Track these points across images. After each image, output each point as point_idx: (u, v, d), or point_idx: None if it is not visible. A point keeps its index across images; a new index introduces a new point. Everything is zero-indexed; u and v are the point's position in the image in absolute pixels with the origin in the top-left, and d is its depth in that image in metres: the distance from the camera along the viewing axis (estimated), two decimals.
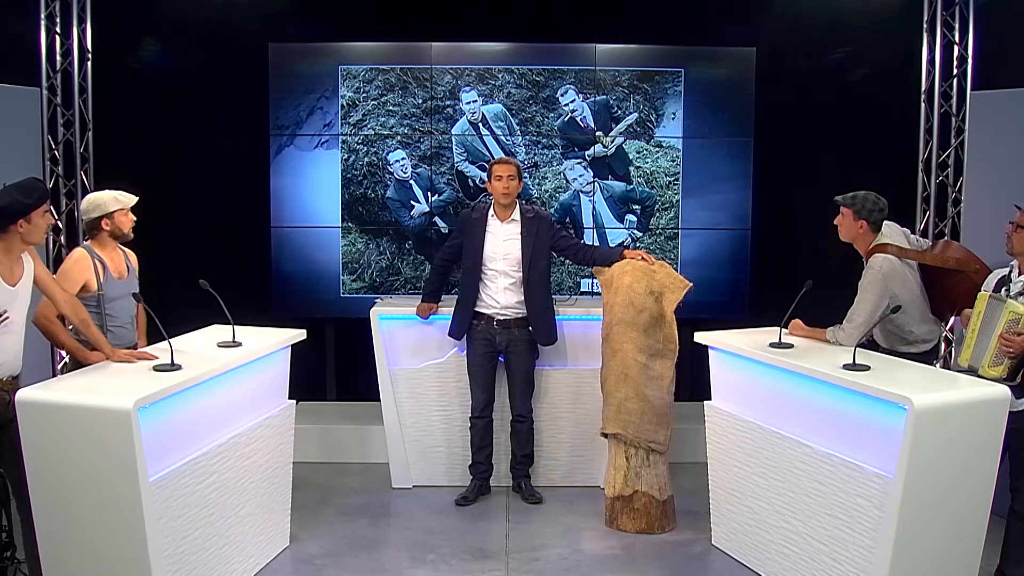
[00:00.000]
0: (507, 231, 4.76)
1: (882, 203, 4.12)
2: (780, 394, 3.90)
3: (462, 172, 5.84)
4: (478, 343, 4.81)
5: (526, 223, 4.76)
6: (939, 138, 5.82)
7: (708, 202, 5.96)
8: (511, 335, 4.78)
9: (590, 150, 5.83)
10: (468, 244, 4.79)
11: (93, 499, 3.16)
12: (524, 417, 4.90)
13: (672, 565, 4.23)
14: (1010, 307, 3.62)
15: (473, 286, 4.78)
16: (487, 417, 4.89)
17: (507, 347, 4.80)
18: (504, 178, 4.69)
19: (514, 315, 4.78)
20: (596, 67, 5.82)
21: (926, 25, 5.80)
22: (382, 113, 5.82)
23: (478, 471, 4.93)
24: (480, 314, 4.80)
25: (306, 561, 4.21)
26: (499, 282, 4.76)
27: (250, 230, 5.96)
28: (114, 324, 4.00)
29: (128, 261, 4.18)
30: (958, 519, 3.38)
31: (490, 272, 4.76)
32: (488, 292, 4.78)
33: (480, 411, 4.86)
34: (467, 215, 4.88)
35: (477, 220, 4.79)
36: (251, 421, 3.93)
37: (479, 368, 4.83)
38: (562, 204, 5.85)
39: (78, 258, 3.97)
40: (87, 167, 5.77)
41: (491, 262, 4.75)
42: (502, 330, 4.77)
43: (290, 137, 5.81)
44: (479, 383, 4.85)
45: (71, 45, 5.64)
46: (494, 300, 4.78)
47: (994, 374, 3.63)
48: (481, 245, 4.74)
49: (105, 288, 3.96)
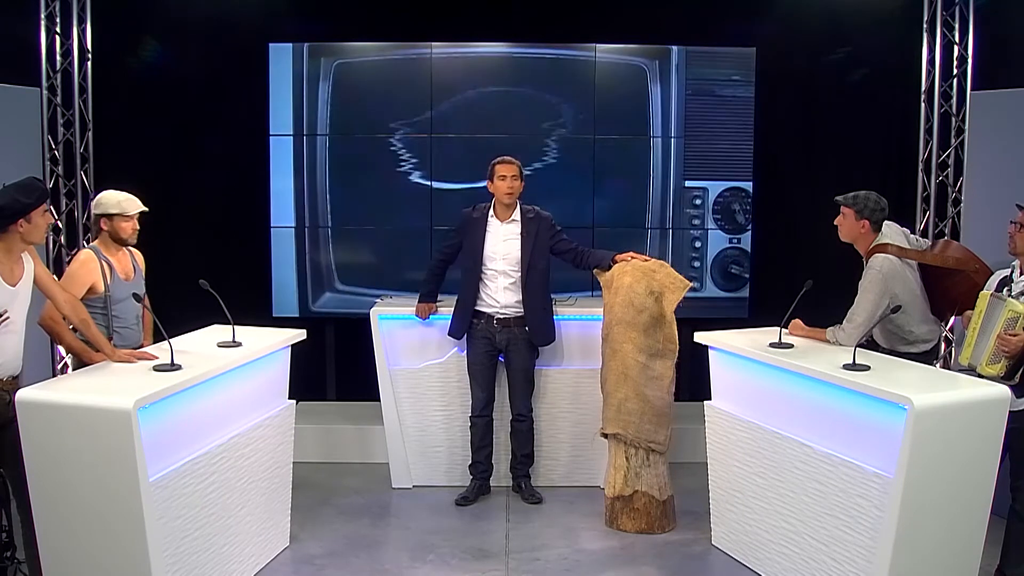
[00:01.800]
0: (507, 231, 4.76)
1: (883, 203, 4.12)
2: (780, 394, 3.90)
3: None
4: (478, 342, 4.81)
5: (526, 223, 4.76)
6: (939, 138, 5.82)
7: (708, 202, 5.97)
8: (511, 334, 4.79)
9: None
10: (468, 243, 4.79)
11: (93, 499, 3.16)
12: (524, 416, 4.90)
13: (672, 565, 4.23)
14: (1009, 306, 3.63)
15: (473, 285, 4.79)
16: (487, 416, 4.89)
17: (507, 346, 4.81)
18: (508, 178, 4.70)
19: (513, 314, 4.79)
20: (595, 68, 5.83)
21: (926, 25, 5.80)
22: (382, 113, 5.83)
23: (478, 471, 4.93)
24: (480, 313, 4.80)
25: (306, 561, 4.21)
26: (499, 281, 4.76)
27: (250, 230, 5.96)
28: (120, 325, 4.02)
29: (135, 262, 4.19)
30: (958, 519, 3.38)
31: (490, 272, 4.76)
32: (488, 291, 4.78)
33: (480, 410, 4.86)
34: (467, 214, 4.88)
35: (477, 220, 4.79)
36: (251, 421, 3.93)
37: (479, 367, 4.84)
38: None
39: (85, 260, 3.98)
40: (87, 167, 5.77)
41: (491, 262, 4.75)
42: (502, 329, 4.78)
43: (290, 137, 5.81)
44: (479, 382, 4.85)
45: (71, 45, 5.64)
46: (494, 299, 4.78)
47: (992, 372, 3.64)
48: (481, 244, 4.75)
49: (112, 289, 3.97)
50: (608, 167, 5.94)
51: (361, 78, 5.84)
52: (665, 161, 5.94)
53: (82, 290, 3.87)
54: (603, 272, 4.71)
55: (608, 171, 5.95)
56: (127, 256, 4.14)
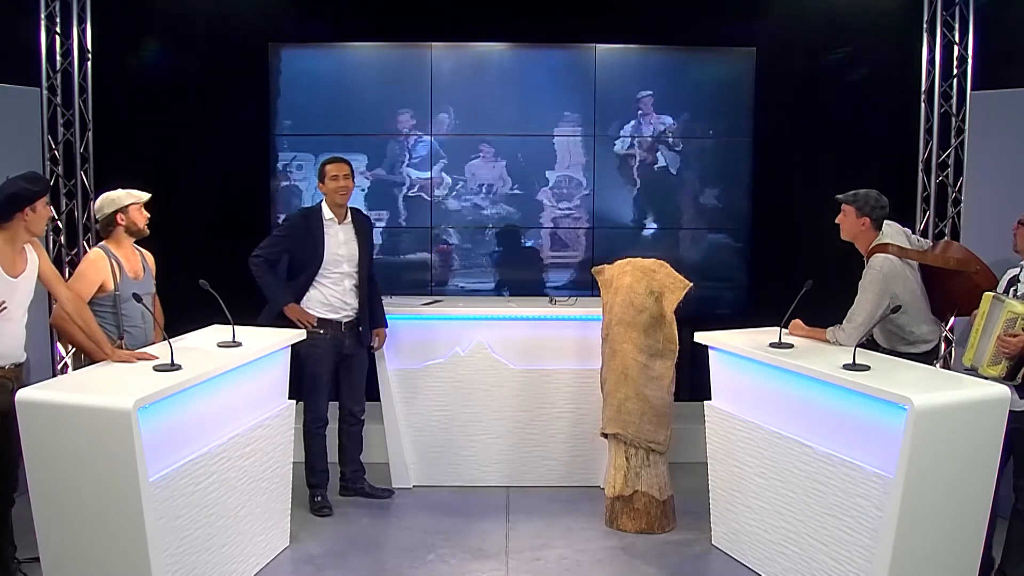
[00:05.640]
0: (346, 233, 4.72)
1: (883, 201, 4.12)
2: (780, 394, 3.90)
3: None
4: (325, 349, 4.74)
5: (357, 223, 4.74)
6: (939, 138, 5.81)
7: (708, 202, 5.97)
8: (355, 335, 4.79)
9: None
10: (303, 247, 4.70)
11: (93, 499, 3.16)
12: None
13: (672, 565, 4.23)
14: (1008, 307, 3.63)
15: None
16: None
17: (353, 347, 4.79)
18: (340, 177, 4.62)
19: (357, 316, 4.74)
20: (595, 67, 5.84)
21: (926, 25, 5.79)
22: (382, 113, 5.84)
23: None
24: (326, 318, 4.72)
25: (306, 561, 4.21)
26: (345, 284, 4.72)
27: (250, 230, 5.94)
28: (130, 324, 4.04)
29: (145, 262, 4.22)
30: (958, 519, 3.38)
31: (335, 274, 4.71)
32: (334, 294, 4.72)
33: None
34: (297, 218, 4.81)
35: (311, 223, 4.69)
36: (251, 421, 3.93)
37: (326, 376, 4.75)
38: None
39: (94, 259, 4.01)
40: (87, 167, 5.76)
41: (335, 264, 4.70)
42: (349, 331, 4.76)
43: (290, 137, 5.81)
44: (325, 391, 4.77)
45: (71, 45, 5.63)
46: (343, 301, 4.74)
47: (993, 373, 3.64)
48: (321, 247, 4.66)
49: (121, 288, 3.99)
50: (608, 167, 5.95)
51: (361, 78, 5.84)
52: (665, 161, 5.95)
53: (92, 288, 3.91)
54: (603, 271, 4.71)
55: (608, 171, 5.95)
56: (137, 256, 4.17)
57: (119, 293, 3.98)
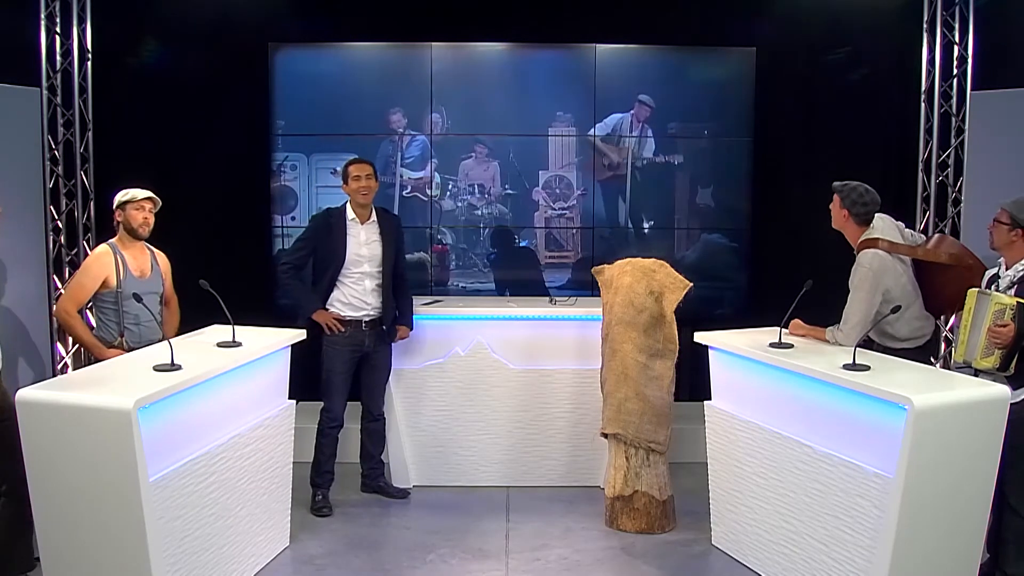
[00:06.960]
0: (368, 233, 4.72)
1: (868, 197, 4.10)
2: (780, 394, 3.90)
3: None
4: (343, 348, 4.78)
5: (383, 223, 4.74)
6: (939, 138, 5.81)
7: (708, 202, 5.97)
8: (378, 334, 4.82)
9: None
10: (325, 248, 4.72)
11: (93, 499, 3.16)
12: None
13: (672, 565, 4.23)
14: (995, 299, 3.66)
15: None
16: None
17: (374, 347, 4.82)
18: (363, 178, 4.62)
19: (378, 315, 4.75)
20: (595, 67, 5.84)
21: (926, 25, 5.80)
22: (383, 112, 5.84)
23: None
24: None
25: (306, 561, 4.21)
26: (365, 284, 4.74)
27: (250, 230, 5.95)
28: (131, 322, 4.04)
29: (155, 261, 4.24)
30: (958, 519, 3.38)
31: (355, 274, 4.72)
32: (355, 294, 4.74)
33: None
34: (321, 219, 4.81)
35: (335, 224, 4.70)
36: (251, 421, 3.93)
37: (343, 375, 4.80)
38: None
39: (99, 254, 4.08)
40: (87, 167, 5.76)
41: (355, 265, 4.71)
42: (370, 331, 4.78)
43: (290, 137, 5.81)
44: (341, 391, 4.82)
45: (71, 45, 5.63)
46: (363, 301, 4.75)
47: (987, 365, 3.65)
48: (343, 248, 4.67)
49: (124, 285, 4.01)
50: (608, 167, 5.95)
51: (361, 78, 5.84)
52: (665, 161, 5.95)
53: (95, 283, 3.95)
54: (602, 271, 4.72)
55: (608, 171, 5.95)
56: (146, 255, 4.19)
57: (121, 290, 4.00)
